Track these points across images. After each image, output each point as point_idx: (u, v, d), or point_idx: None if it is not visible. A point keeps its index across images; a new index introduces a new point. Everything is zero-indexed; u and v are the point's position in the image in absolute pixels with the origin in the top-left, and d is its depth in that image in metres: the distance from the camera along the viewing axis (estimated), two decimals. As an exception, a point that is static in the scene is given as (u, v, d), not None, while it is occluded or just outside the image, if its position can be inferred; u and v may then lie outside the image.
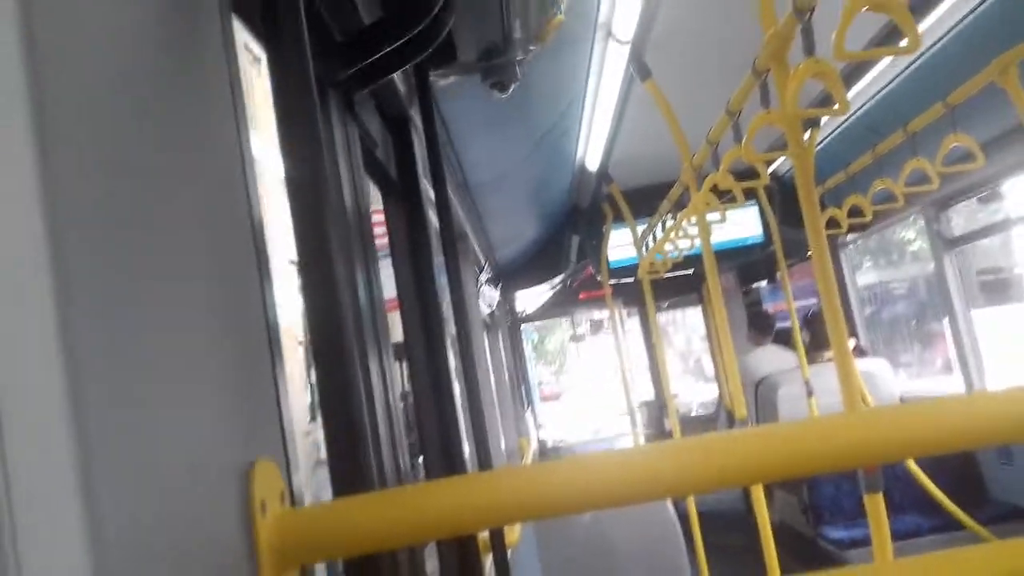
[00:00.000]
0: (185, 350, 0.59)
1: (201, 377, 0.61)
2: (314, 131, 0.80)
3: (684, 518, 4.43)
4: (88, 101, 0.51)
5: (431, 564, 1.78)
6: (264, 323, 0.74)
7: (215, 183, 0.70)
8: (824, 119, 4.10)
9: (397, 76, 1.79)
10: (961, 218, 4.75)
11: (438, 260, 1.91)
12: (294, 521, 0.67)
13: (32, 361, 0.44)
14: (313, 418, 2.69)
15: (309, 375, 2.79)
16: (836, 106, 1.89)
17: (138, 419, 0.51)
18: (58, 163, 0.46)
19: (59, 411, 0.44)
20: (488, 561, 1.99)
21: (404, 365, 1.89)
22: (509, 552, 2.09)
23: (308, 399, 2.74)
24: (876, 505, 1.90)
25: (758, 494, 2.90)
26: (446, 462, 1.74)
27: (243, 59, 0.85)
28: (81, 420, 0.45)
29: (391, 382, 1.48)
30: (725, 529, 5.81)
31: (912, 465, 4.10)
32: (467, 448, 1.96)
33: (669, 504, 4.63)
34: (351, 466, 0.74)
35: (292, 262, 0.84)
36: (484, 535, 1.97)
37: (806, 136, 2.14)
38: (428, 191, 1.95)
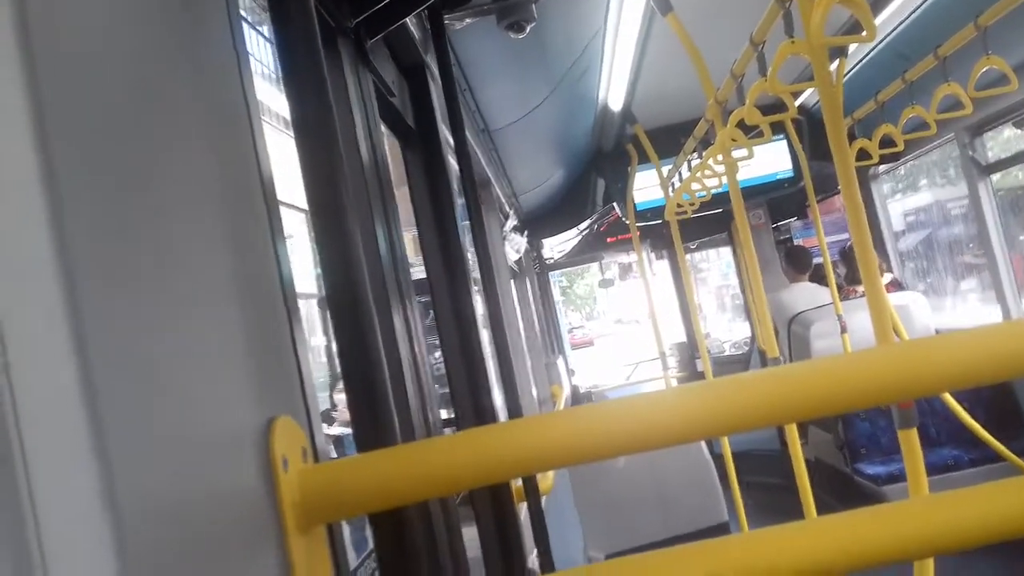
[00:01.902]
0: (198, 310, 0.58)
1: (215, 336, 0.60)
2: (320, 81, 0.77)
3: (719, 459, 4.44)
4: (87, 58, 0.49)
5: (464, 512, 1.79)
6: (279, 282, 0.73)
7: (223, 142, 0.68)
8: (852, 47, 3.97)
9: (411, 21, 1.75)
10: (996, 144, 4.63)
11: (460, 208, 1.89)
12: (317, 477, 0.66)
13: (44, 325, 0.43)
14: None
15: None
16: (864, 33, 1.82)
17: (153, 379, 0.50)
18: (61, 125, 0.45)
19: (73, 373, 0.43)
20: (523, 509, 2.00)
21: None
22: (543, 500, 2.10)
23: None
24: (910, 441, 1.88)
25: (792, 432, 2.89)
26: (476, 412, 1.74)
27: None
28: (96, 384, 0.44)
29: (417, 334, 1.47)
30: (760, 469, 5.83)
31: (948, 398, 4.05)
32: (497, 399, 1.96)
33: (703, 446, 4.65)
34: (372, 421, 0.73)
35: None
36: (518, 484, 1.98)
37: (834, 66, 2.07)
38: (447, 138, 1.92)
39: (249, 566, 0.58)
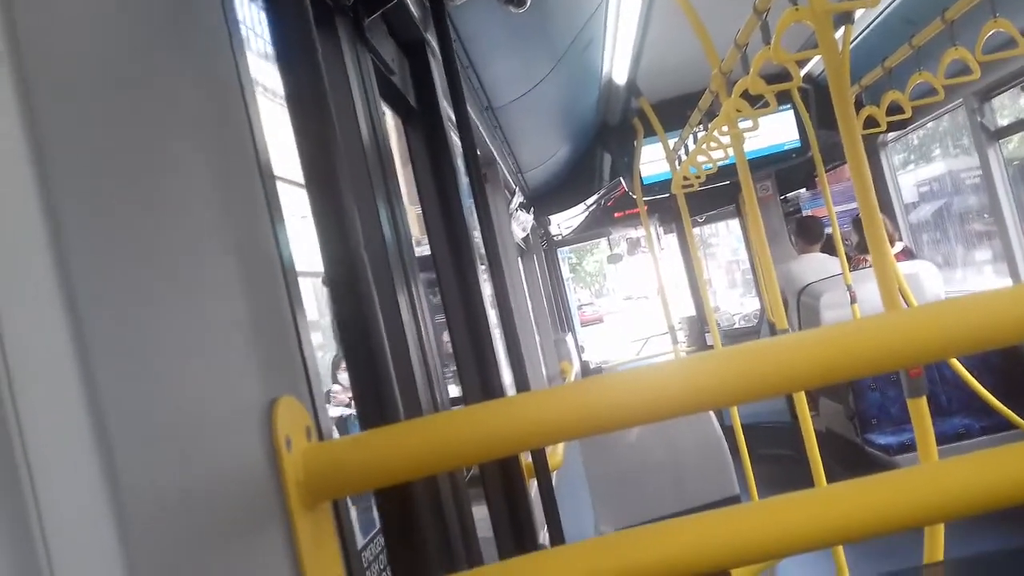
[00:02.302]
0: (198, 291, 0.58)
1: (216, 317, 0.60)
2: (313, 59, 0.77)
3: (729, 432, 4.44)
4: (75, 37, 0.49)
5: (475, 493, 1.80)
6: (279, 262, 0.73)
7: (217, 121, 0.67)
8: (858, 13, 3.92)
9: (409, -3, 1.74)
10: (1005, 108, 4.58)
11: (465, 186, 1.88)
12: (321, 455, 0.66)
13: (42, 309, 0.43)
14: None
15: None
16: None
17: (154, 361, 0.50)
18: (53, 106, 0.45)
19: (72, 356, 0.43)
20: (533, 485, 2.01)
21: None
22: (554, 476, 2.10)
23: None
24: (920, 410, 1.88)
25: (802, 402, 2.89)
26: (484, 390, 1.74)
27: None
28: (97, 366, 0.44)
29: (422, 312, 1.46)
30: (771, 441, 5.83)
31: (958, 366, 4.04)
32: (506, 377, 1.96)
33: (713, 418, 4.65)
34: (375, 399, 0.73)
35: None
36: (528, 460, 1.98)
37: (839, 33, 2.05)
38: (450, 116, 1.91)
39: (255, 544, 0.58)
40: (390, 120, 1.87)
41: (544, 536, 2.04)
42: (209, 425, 0.55)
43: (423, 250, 1.93)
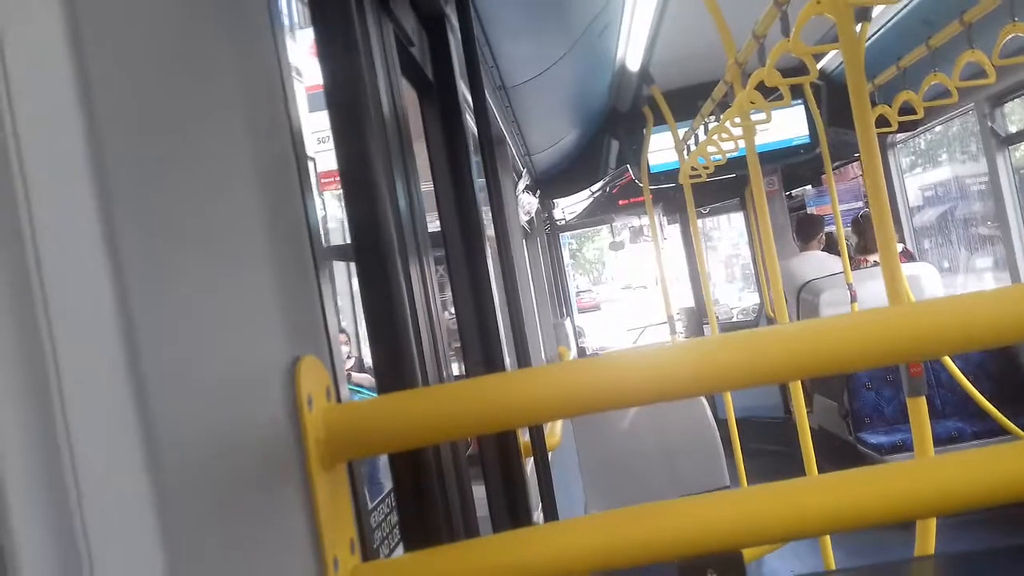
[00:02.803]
0: (228, 254, 0.59)
1: (245, 279, 0.61)
2: (351, 42, 0.77)
3: (722, 424, 4.46)
4: (128, 26, 0.50)
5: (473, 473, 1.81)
6: (306, 228, 0.74)
7: (254, 96, 0.68)
8: (876, 11, 3.91)
9: (432, -29, 1.73)
10: (1014, 114, 4.57)
11: (476, 164, 1.88)
12: (340, 416, 0.67)
13: (82, 267, 0.44)
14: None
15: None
16: None
17: (184, 318, 0.51)
18: (105, 88, 0.45)
19: (108, 313, 0.44)
20: (529, 463, 2.03)
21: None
22: (550, 455, 2.12)
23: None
24: (919, 409, 1.89)
25: (798, 397, 2.90)
26: (487, 368, 1.75)
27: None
28: (129, 321, 0.45)
29: (432, 287, 1.47)
30: (763, 435, 5.86)
31: (954, 369, 4.06)
32: (507, 358, 1.97)
33: (707, 409, 4.67)
34: (395, 365, 0.74)
35: None
36: (525, 439, 1.99)
37: (857, 29, 2.04)
38: (465, 93, 1.90)
39: (275, 499, 0.59)
40: (406, 93, 1.87)
41: (539, 515, 2.06)
42: (239, 381, 0.56)
43: (432, 226, 1.94)
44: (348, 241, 0.81)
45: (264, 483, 0.58)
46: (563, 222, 8.51)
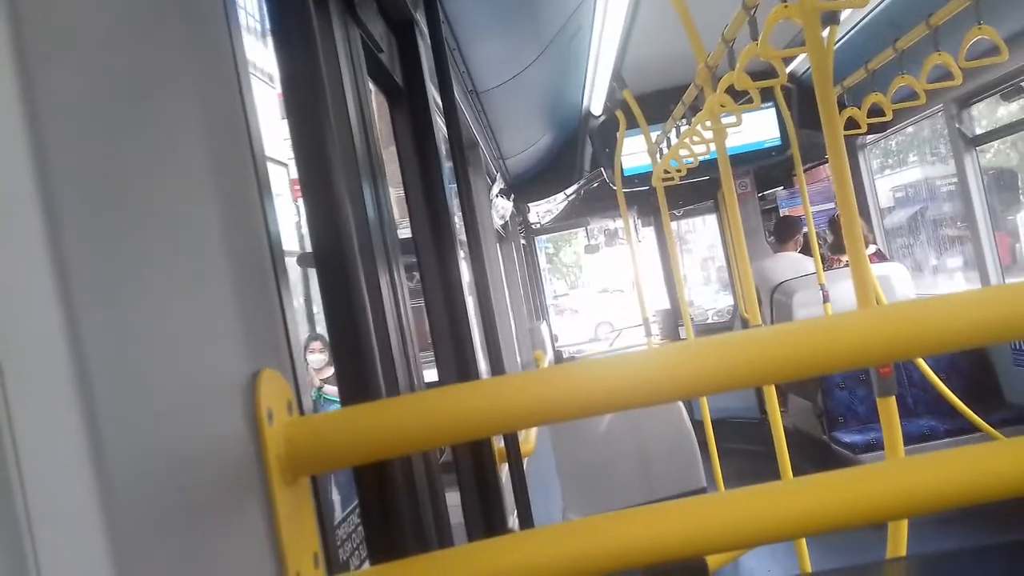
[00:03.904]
0: (183, 264, 0.57)
1: (202, 290, 0.59)
2: (309, 37, 0.76)
3: (699, 425, 4.48)
4: (78, 22, 0.49)
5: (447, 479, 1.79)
6: (266, 238, 0.73)
7: (210, 101, 0.67)
8: (844, 14, 3.95)
9: (400, -25, 1.72)
10: (983, 116, 4.64)
11: (447, 169, 1.87)
12: (302, 429, 0.66)
13: (26, 278, 0.43)
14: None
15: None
16: None
17: (140, 330, 0.50)
18: (48, 85, 0.44)
19: (54, 328, 0.43)
20: (504, 471, 2.02)
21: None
22: (525, 462, 2.11)
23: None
24: (889, 409, 1.91)
25: (772, 398, 2.92)
26: (460, 375, 1.75)
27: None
28: (77, 336, 0.43)
29: (402, 295, 1.46)
30: (739, 436, 5.89)
31: (926, 368, 4.10)
32: (482, 363, 1.96)
33: (683, 411, 4.69)
34: (358, 376, 0.73)
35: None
36: (500, 445, 1.99)
37: (825, 33, 2.06)
38: (435, 97, 1.89)
39: (234, 517, 0.58)
40: (376, 99, 1.85)
41: (514, 521, 2.05)
42: (194, 395, 0.55)
43: (403, 232, 1.92)
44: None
45: (223, 500, 0.57)
46: (538, 226, 8.52)
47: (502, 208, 5.08)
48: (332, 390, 5.06)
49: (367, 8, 1.58)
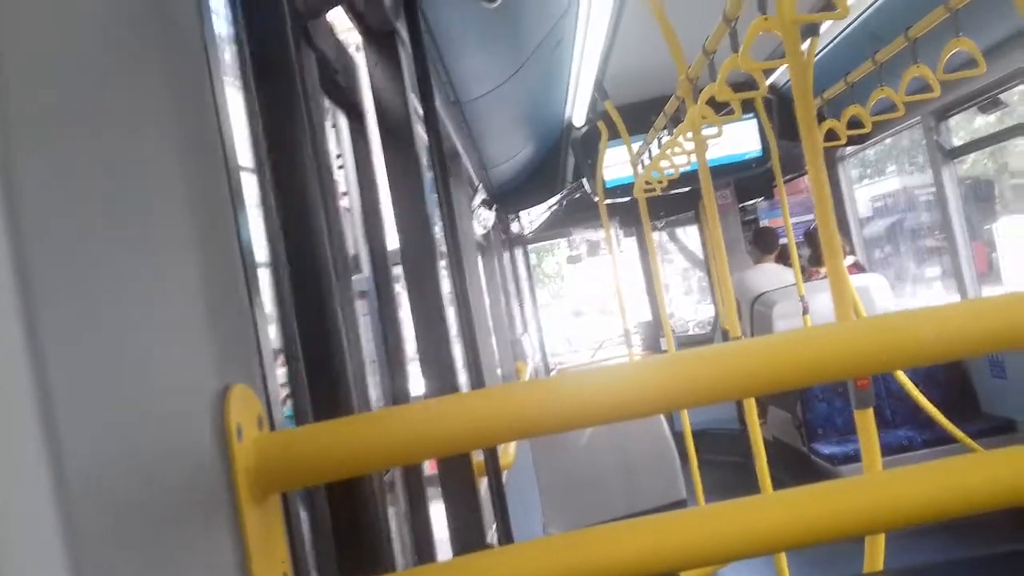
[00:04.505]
0: (151, 276, 0.56)
1: (170, 301, 0.58)
2: (284, 52, 0.75)
3: (679, 437, 4.48)
4: (50, 28, 0.47)
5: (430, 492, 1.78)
6: (239, 253, 0.71)
7: (182, 107, 0.66)
8: (824, 26, 3.98)
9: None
10: (961, 128, 4.69)
11: (429, 180, 1.86)
12: (272, 445, 0.64)
13: None
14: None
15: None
16: (837, 10, 1.82)
17: (105, 343, 0.48)
18: (18, 100, 0.43)
19: (15, 336, 0.41)
20: (483, 484, 2.00)
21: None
22: (504, 475, 2.10)
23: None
24: (866, 421, 1.91)
25: (751, 410, 2.92)
26: (440, 387, 1.73)
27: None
28: (39, 344, 0.42)
29: (352, 314, 1.44)
30: (719, 447, 5.90)
31: (904, 380, 4.12)
32: (461, 375, 1.95)
33: (664, 423, 4.69)
34: (329, 391, 0.72)
35: None
36: (479, 459, 1.97)
37: (805, 45, 2.07)
38: (416, 108, 1.89)
39: (201, 535, 0.57)
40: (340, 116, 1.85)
41: (493, 535, 2.03)
42: (160, 409, 0.54)
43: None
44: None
45: (189, 517, 0.56)
46: (521, 236, 8.51)
47: (484, 219, 5.07)
48: None
49: (320, 30, 1.56)
